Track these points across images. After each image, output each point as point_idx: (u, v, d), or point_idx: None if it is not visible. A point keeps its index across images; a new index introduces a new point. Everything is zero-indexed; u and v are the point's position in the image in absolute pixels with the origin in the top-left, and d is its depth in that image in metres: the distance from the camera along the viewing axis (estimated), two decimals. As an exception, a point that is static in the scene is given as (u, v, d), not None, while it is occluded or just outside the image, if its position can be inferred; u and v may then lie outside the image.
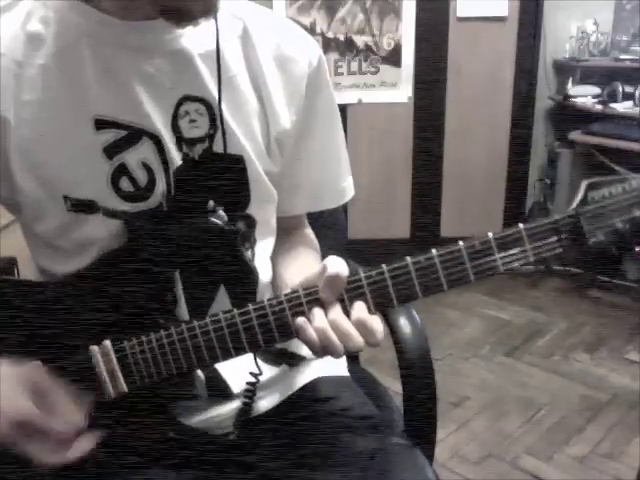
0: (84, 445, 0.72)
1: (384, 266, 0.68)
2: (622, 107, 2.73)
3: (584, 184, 0.67)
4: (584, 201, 0.67)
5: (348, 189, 0.94)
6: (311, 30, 2.84)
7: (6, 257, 1.31)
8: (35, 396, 0.70)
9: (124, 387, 0.73)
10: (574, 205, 0.67)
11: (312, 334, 0.67)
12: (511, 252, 0.67)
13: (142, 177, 0.77)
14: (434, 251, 0.67)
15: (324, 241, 1.00)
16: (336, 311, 0.68)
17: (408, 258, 0.68)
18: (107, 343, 0.73)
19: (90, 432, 0.73)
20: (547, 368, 2.38)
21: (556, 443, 1.97)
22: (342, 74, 2.93)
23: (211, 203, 0.78)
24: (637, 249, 0.68)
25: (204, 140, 0.78)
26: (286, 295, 0.70)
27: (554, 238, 0.66)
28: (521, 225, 0.67)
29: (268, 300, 0.70)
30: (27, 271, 0.91)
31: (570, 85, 2.93)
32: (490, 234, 0.67)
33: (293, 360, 0.91)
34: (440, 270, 0.67)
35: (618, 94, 2.76)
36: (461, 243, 0.67)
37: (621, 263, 2.86)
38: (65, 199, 0.76)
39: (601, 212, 0.66)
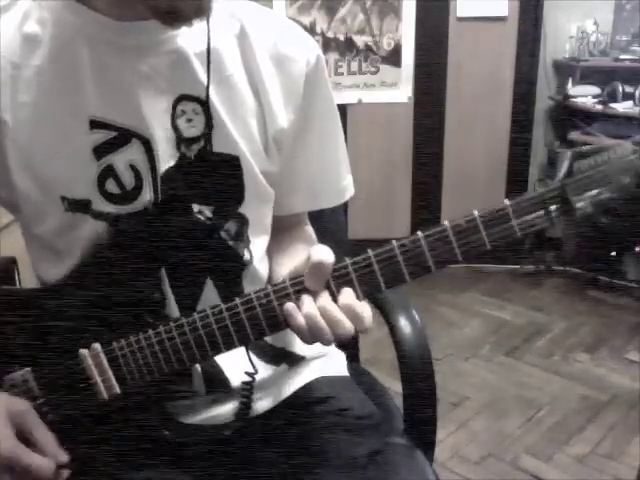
0: None
1: (370, 251, 0.68)
2: (622, 107, 2.73)
3: (569, 154, 0.65)
4: (570, 172, 0.64)
5: (348, 188, 0.93)
6: (311, 30, 2.85)
7: (6, 257, 1.31)
8: (19, 432, 0.70)
9: (117, 389, 0.73)
10: (559, 176, 0.65)
11: (301, 320, 0.67)
12: (497, 229, 0.65)
13: (129, 179, 0.76)
14: (420, 233, 0.67)
15: (324, 241, 0.99)
16: (324, 298, 0.67)
17: (394, 242, 0.67)
18: (97, 346, 0.73)
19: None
20: (547, 368, 2.38)
21: (556, 443, 1.97)
22: (342, 74, 2.93)
23: (196, 207, 0.78)
24: (637, 249, 0.67)
25: (200, 139, 0.77)
26: (273, 286, 0.70)
27: (541, 212, 0.65)
28: (507, 201, 0.65)
29: (255, 292, 0.70)
30: (27, 271, 0.91)
31: (570, 85, 2.92)
32: (475, 212, 0.65)
33: (292, 360, 0.91)
34: (427, 251, 0.66)
35: (618, 94, 2.76)
36: (446, 223, 0.66)
37: (621, 263, 2.86)
38: (62, 199, 0.76)
39: (588, 182, 0.64)
